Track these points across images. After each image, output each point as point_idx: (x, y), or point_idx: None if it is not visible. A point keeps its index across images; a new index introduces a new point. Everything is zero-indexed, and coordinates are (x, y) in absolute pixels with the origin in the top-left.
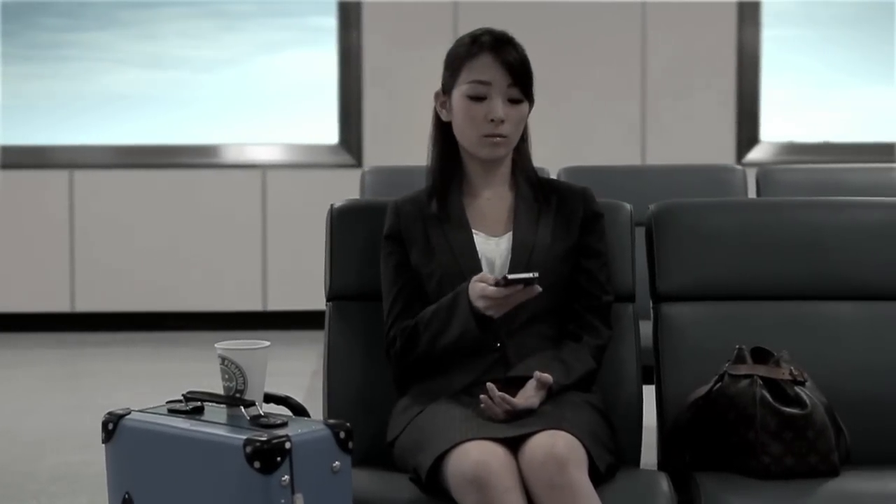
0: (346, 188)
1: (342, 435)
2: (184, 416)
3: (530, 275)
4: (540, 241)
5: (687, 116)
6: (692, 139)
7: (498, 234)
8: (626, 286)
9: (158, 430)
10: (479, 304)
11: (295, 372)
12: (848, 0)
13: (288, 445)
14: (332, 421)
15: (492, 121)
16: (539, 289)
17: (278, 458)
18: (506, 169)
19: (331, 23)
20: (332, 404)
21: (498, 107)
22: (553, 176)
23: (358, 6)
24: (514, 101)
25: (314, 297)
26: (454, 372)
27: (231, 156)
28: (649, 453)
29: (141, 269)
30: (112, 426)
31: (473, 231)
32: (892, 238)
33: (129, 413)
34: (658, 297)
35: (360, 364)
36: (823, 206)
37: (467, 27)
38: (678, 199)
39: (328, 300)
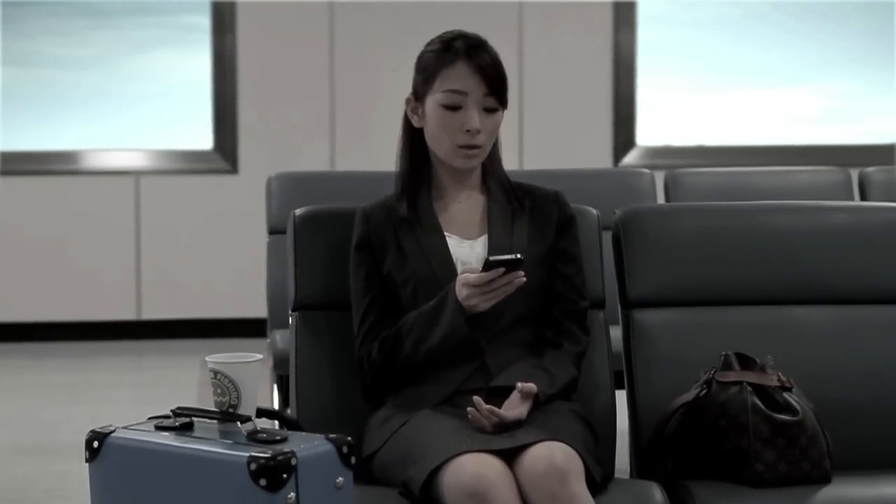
0: (222, 195)
1: (345, 450)
2: (174, 432)
3: (514, 256)
4: (516, 243)
5: (564, 120)
6: (569, 143)
7: (472, 237)
8: (597, 292)
9: (151, 447)
10: (463, 293)
11: (181, 382)
12: (721, 1)
13: (294, 461)
14: (333, 435)
15: (467, 131)
16: (524, 279)
17: (284, 475)
18: (477, 173)
19: (205, 22)
20: (302, 417)
21: (474, 118)
22: None
23: (232, 7)
24: (489, 110)
25: (191, 306)
26: (433, 383)
27: (103, 162)
28: (619, 461)
29: (5, 279)
30: (97, 444)
31: (446, 234)
32: (861, 242)
33: (114, 430)
34: (628, 304)
35: (329, 376)
36: (792, 211)
37: (344, 29)
38: (644, 204)
39: (293, 310)
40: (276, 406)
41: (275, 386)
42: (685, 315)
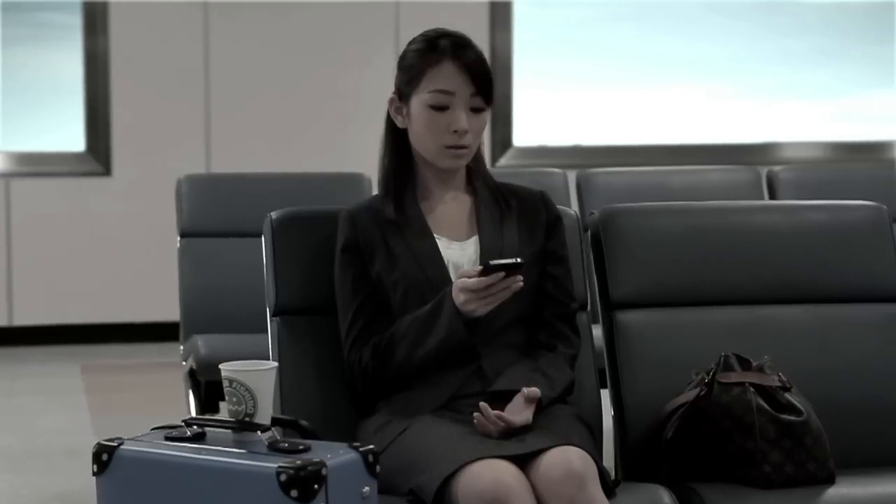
0: (96, 197)
1: (370, 458)
2: (188, 443)
3: (514, 260)
4: (507, 244)
5: None
6: None
7: (461, 239)
8: (580, 294)
9: (168, 459)
10: (461, 298)
11: (61, 389)
12: (594, 2)
13: (324, 471)
14: (356, 444)
15: (455, 132)
16: (521, 284)
17: (315, 486)
18: (461, 173)
19: (77, 21)
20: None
21: (462, 118)
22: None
23: (104, 7)
24: (475, 110)
25: (66, 311)
26: (429, 388)
27: None
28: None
29: None
30: (107, 457)
31: (435, 236)
32: (838, 241)
33: (122, 442)
34: (611, 305)
35: (314, 382)
36: (770, 210)
37: (219, 29)
38: (620, 204)
39: (273, 316)
40: (193, 413)
41: (190, 392)
42: (667, 316)
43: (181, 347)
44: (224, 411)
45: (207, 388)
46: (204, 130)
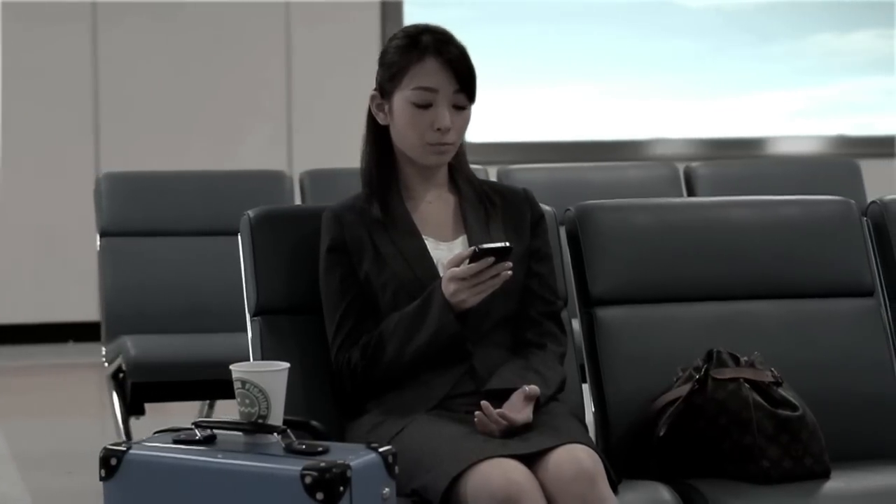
0: None
1: (390, 459)
2: (198, 446)
3: (503, 244)
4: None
5: (334, 121)
6: (339, 144)
7: (448, 239)
8: (561, 291)
9: (182, 463)
10: (451, 288)
11: None
12: (487, 2)
13: (349, 473)
14: (374, 444)
15: (438, 129)
16: (510, 272)
17: (341, 488)
18: (444, 171)
19: None
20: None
21: (445, 116)
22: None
23: None
24: (458, 107)
25: None
26: (422, 388)
27: None
28: None
29: None
30: (115, 461)
31: (423, 236)
32: (814, 235)
33: (130, 446)
34: (590, 302)
35: (298, 382)
36: (745, 206)
37: (107, 29)
38: (599, 200)
39: (254, 316)
40: (118, 414)
41: (114, 394)
42: (646, 311)
43: (104, 349)
44: (153, 413)
45: (134, 389)
46: (93, 130)
